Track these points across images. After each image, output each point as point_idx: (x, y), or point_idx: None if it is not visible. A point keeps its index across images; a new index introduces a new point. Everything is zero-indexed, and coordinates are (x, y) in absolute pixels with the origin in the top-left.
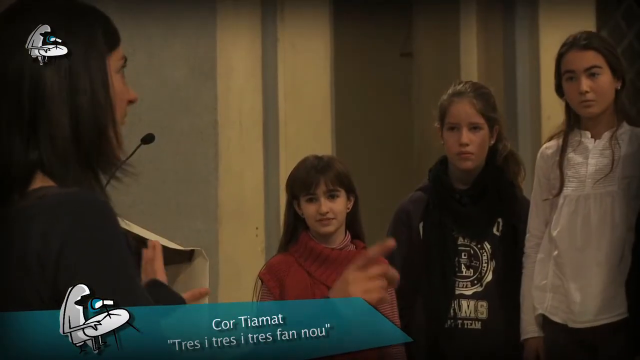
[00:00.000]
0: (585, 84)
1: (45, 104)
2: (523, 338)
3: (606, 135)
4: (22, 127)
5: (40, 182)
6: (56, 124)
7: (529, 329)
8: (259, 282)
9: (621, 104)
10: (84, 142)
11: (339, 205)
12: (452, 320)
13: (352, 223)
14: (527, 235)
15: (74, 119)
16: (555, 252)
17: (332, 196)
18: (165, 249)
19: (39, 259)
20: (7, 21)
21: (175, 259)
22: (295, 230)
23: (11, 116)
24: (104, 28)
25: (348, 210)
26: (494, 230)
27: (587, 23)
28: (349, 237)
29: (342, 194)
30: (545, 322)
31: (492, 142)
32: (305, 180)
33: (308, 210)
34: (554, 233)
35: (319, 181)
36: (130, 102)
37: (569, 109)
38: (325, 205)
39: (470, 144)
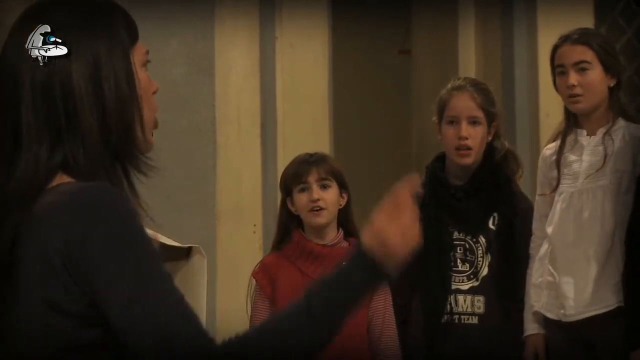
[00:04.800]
0: (573, 77)
1: (76, 104)
2: (524, 335)
3: (600, 131)
4: (51, 131)
5: (59, 179)
6: (84, 123)
7: (529, 326)
8: (253, 281)
9: (617, 102)
10: (111, 138)
11: (331, 195)
12: (448, 315)
13: (345, 220)
14: (532, 236)
15: (100, 116)
16: (550, 249)
17: (324, 186)
18: (162, 245)
19: (61, 256)
20: (24, 22)
21: (173, 255)
22: (287, 229)
23: (40, 121)
24: (125, 21)
25: (341, 207)
26: (490, 224)
27: (585, 21)
28: (341, 233)
29: (334, 186)
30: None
31: (490, 138)
32: (297, 171)
33: (300, 200)
34: (549, 230)
35: (311, 170)
36: (153, 93)
37: (567, 108)
38: (317, 192)
39: (470, 138)
